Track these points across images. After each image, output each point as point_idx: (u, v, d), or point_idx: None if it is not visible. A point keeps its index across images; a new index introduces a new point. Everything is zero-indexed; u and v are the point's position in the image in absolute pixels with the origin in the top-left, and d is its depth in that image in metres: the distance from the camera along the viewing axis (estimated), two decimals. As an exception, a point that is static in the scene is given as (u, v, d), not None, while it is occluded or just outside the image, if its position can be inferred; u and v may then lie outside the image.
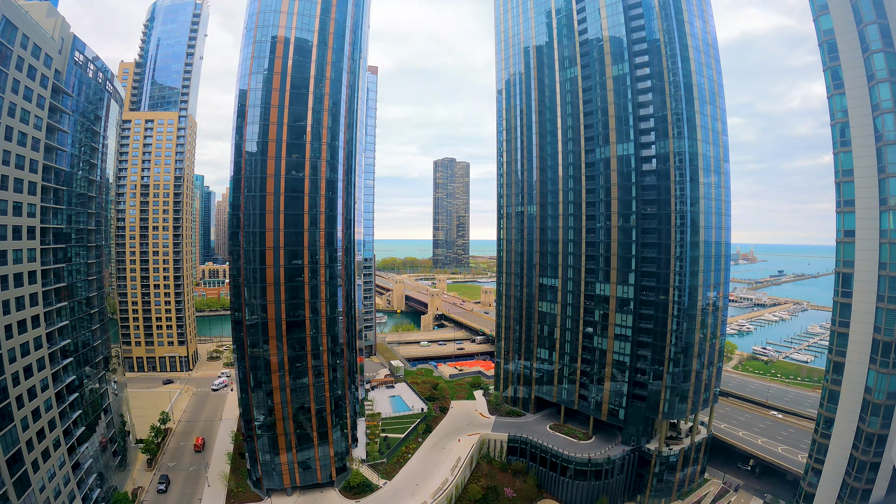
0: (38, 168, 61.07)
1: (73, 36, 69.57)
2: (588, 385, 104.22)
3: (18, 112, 56.54)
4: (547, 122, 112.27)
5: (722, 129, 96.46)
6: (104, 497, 75.71)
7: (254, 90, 79.42)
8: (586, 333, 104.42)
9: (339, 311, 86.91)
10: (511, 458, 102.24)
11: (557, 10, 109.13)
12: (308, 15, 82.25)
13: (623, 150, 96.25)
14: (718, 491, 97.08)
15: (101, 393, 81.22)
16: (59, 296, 67.11)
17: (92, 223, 79.58)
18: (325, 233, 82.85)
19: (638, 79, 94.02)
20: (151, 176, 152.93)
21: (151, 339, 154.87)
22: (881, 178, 59.65)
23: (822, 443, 67.90)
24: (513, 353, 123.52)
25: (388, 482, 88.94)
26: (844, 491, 63.47)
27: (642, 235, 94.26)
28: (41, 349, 61.50)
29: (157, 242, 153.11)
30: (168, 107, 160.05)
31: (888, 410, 58.95)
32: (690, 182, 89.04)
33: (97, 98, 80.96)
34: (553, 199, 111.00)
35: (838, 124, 64.32)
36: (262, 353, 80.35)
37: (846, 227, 64.17)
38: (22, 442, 55.41)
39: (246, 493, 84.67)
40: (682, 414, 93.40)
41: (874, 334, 60.31)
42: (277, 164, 79.33)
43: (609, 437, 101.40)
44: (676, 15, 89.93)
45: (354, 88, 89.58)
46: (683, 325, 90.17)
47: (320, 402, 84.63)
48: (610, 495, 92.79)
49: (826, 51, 64.38)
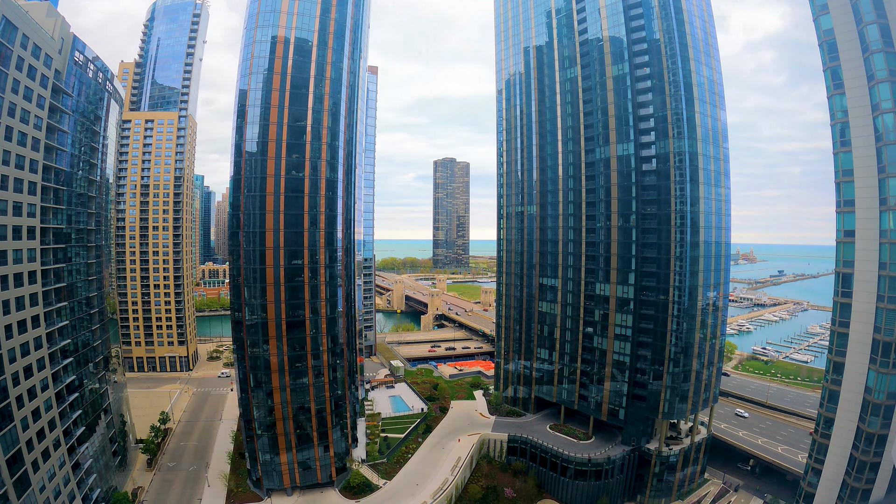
0: (38, 168, 61.12)
1: (73, 36, 69.62)
2: (588, 385, 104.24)
3: (18, 112, 56.58)
4: (547, 122, 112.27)
5: (722, 129, 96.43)
6: (104, 497, 75.73)
7: (254, 90, 79.53)
8: (586, 333, 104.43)
9: (339, 311, 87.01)
10: (511, 458, 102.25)
11: (557, 10, 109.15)
12: (308, 15, 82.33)
13: (623, 150, 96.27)
14: (718, 491, 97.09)
15: (101, 393, 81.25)
16: (59, 296, 67.13)
17: (92, 223, 79.59)
18: (325, 233, 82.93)
19: (638, 79, 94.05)
20: (151, 176, 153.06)
21: (151, 339, 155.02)
22: (881, 178, 59.67)
23: (822, 443, 67.92)
24: (513, 353, 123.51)
25: (388, 482, 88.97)
26: (844, 491, 63.50)
27: (642, 235, 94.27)
28: (41, 349, 61.52)
29: (157, 242, 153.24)
30: (168, 107, 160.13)
31: (888, 410, 58.97)
32: (690, 182, 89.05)
33: (97, 98, 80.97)
34: (553, 199, 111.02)
35: (838, 124, 64.32)
36: (262, 353, 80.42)
37: (846, 227, 64.21)
38: (22, 442, 55.40)
39: (246, 493, 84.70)
40: (682, 414, 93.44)
41: (874, 334, 60.34)
42: (277, 164, 79.42)
43: (609, 437, 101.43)
44: (676, 15, 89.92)
45: (354, 88, 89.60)
46: (683, 325, 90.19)
47: (320, 402, 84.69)
48: (610, 495, 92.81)
49: (826, 51, 64.39)
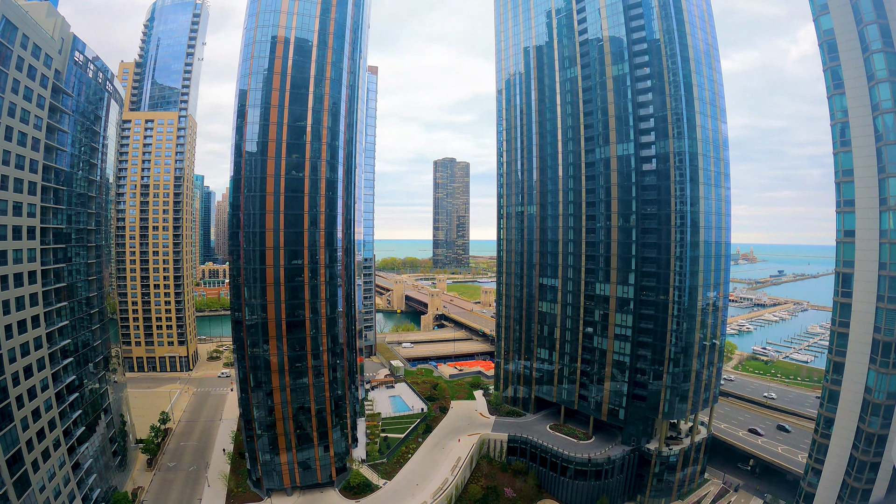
0: (38, 168, 61.12)
1: (73, 36, 69.59)
2: (588, 385, 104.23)
3: (18, 112, 56.59)
4: (547, 122, 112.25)
5: (722, 129, 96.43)
6: (104, 497, 75.72)
7: (254, 90, 79.49)
8: (586, 333, 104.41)
9: (339, 311, 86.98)
10: (511, 458, 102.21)
11: (557, 10, 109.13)
12: (308, 15, 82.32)
13: (623, 150, 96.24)
14: (718, 491, 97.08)
15: (101, 393, 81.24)
16: (59, 296, 67.13)
17: (92, 223, 79.59)
18: (325, 233, 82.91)
19: (638, 79, 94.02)
20: (151, 176, 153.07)
21: (151, 339, 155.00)
22: (881, 178, 59.68)
23: (822, 443, 67.91)
24: (513, 352, 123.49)
25: (388, 482, 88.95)
26: (844, 491, 63.50)
27: (642, 235, 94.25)
28: (41, 349, 61.52)
29: (157, 242, 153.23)
30: (168, 107, 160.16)
31: (888, 410, 58.98)
32: (690, 182, 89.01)
33: (97, 98, 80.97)
34: (553, 199, 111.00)
35: (838, 124, 64.32)
36: (262, 353, 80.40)
37: (846, 227, 64.21)
38: (22, 442, 55.42)
39: (246, 493, 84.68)
40: (682, 414, 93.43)
41: (874, 334, 60.34)
42: (277, 164, 79.39)
43: (609, 437, 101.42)
44: (676, 15, 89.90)
45: (354, 88, 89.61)
46: (683, 325, 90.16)
47: (320, 402, 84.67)
48: (610, 495, 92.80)
49: (826, 51, 64.39)
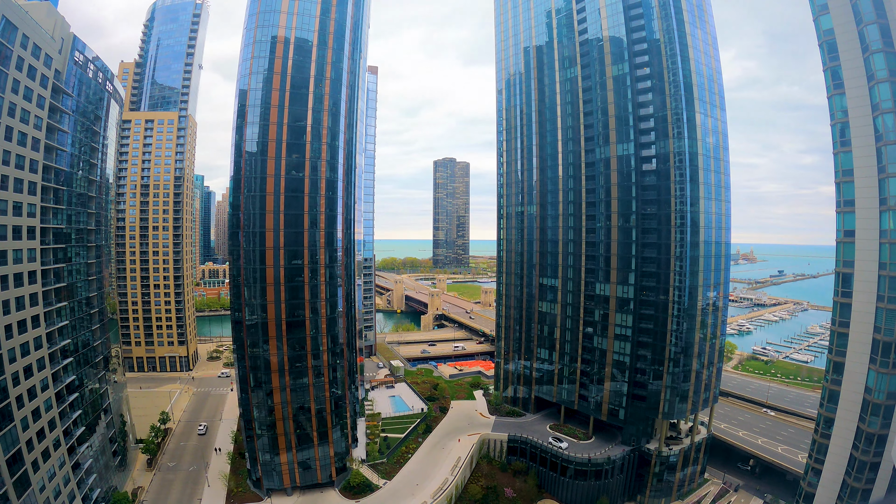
0: (38, 168, 61.12)
1: (73, 36, 69.58)
2: (588, 385, 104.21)
3: (18, 112, 56.59)
4: (547, 122, 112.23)
5: (722, 129, 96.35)
6: (104, 497, 75.72)
7: (254, 90, 79.47)
8: (586, 333, 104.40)
9: (339, 311, 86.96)
10: (511, 458, 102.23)
11: (557, 10, 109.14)
12: (308, 15, 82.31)
13: (623, 150, 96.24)
14: (718, 491, 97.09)
15: (101, 393, 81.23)
16: (59, 296, 67.13)
17: (92, 223, 79.58)
18: (325, 233, 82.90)
19: (638, 79, 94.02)
20: (151, 176, 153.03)
21: (151, 339, 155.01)
22: (881, 178, 59.62)
23: (822, 443, 67.88)
24: (513, 353, 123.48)
25: (388, 482, 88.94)
26: (844, 491, 63.47)
27: (642, 235, 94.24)
28: (41, 349, 61.53)
29: (157, 242, 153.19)
30: (168, 107, 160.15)
31: (888, 410, 58.94)
32: (690, 182, 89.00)
33: (97, 98, 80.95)
34: (553, 199, 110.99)
35: (838, 124, 64.23)
36: (262, 353, 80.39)
37: (846, 227, 64.16)
38: (22, 442, 55.44)
39: (246, 493, 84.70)
40: (682, 414, 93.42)
41: (874, 334, 60.29)
42: (277, 164, 79.38)
43: (609, 437, 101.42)
44: (676, 15, 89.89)
45: (354, 88, 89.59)
46: (683, 325, 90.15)
47: (320, 402, 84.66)
48: (610, 495, 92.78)
49: (826, 51, 64.30)
